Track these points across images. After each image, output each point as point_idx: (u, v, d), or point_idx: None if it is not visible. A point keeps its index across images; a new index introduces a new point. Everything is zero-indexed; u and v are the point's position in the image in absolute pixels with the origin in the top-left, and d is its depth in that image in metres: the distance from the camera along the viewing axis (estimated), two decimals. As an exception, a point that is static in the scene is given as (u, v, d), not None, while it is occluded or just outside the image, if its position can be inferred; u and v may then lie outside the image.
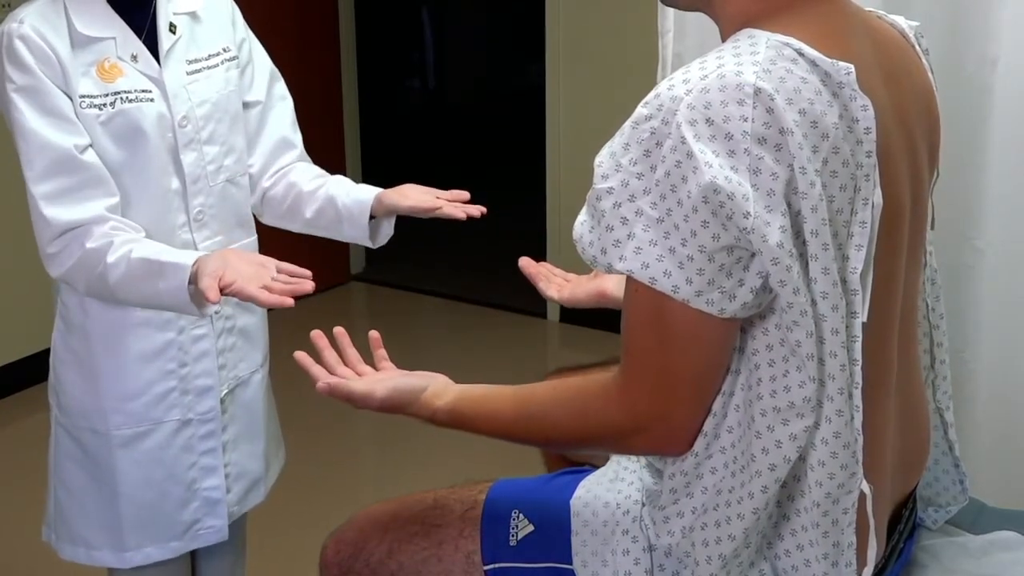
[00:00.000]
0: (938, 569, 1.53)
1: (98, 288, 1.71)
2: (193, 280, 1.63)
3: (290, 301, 1.56)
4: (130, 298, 1.71)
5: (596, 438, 1.31)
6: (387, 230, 1.98)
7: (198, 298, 1.64)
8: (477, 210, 1.86)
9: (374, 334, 1.54)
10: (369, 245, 1.99)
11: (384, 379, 1.45)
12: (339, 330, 1.52)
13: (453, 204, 1.86)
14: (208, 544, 1.95)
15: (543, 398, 1.34)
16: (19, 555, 2.88)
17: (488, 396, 1.39)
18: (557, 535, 1.44)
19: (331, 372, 1.46)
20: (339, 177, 1.99)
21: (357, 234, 1.94)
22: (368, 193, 1.92)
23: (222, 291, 1.56)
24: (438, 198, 1.87)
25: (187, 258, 1.66)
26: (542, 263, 1.88)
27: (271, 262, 1.64)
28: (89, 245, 1.68)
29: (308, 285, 1.58)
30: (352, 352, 1.51)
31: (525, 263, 1.84)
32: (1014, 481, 2.07)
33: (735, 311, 1.17)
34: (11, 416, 3.69)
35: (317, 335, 1.50)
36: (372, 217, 1.92)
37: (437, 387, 1.43)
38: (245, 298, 1.56)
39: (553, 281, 1.84)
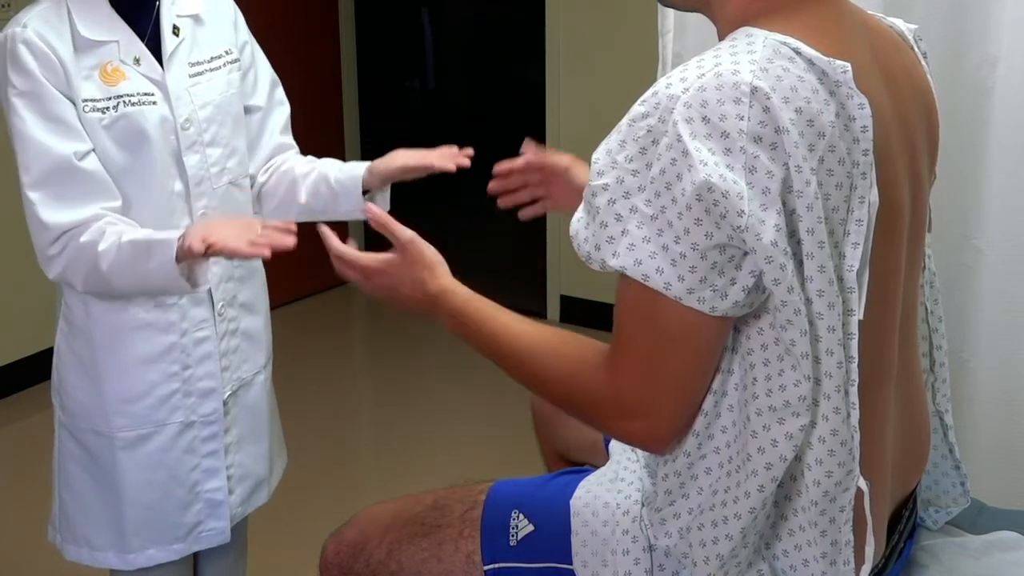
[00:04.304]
0: (938, 569, 1.53)
1: (95, 280, 1.71)
2: (180, 254, 1.64)
3: (267, 252, 1.58)
4: (124, 283, 1.71)
5: (580, 410, 1.31)
6: (382, 204, 1.97)
7: (192, 275, 1.65)
8: (464, 160, 1.84)
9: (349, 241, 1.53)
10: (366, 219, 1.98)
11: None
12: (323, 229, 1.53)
13: (441, 157, 1.86)
14: (210, 546, 1.95)
15: (544, 345, 1.33)
16: (21, 554, 2.88)
17: (498, 308, 1.40)
18: (557, 535, 1.45)
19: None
20: (329, 159, 1.99)
21: (352, 207, 1.93)
22: (360, 168, 1.93)
23: (207, 251, 1.58)
24: (428, 154, 1.87)
25: (173, 234, 1.67)
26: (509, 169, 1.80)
27: (256, 221, 1.65)
28: (83, 239, 1.68)
29: (290, 240, 1.59)
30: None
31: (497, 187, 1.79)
32: (1014, 481, 2.07)
33: (727, 309, 1.17)
34: (13, 416, 3.69)
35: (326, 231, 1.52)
36: (366, 192, 1.92)
37: (449, 277, 1.45)
38: (229, 253, 1.59)
39: (529, 189, 1.80)
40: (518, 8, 6.69)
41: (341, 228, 1.44)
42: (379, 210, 1.53)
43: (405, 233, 1.46)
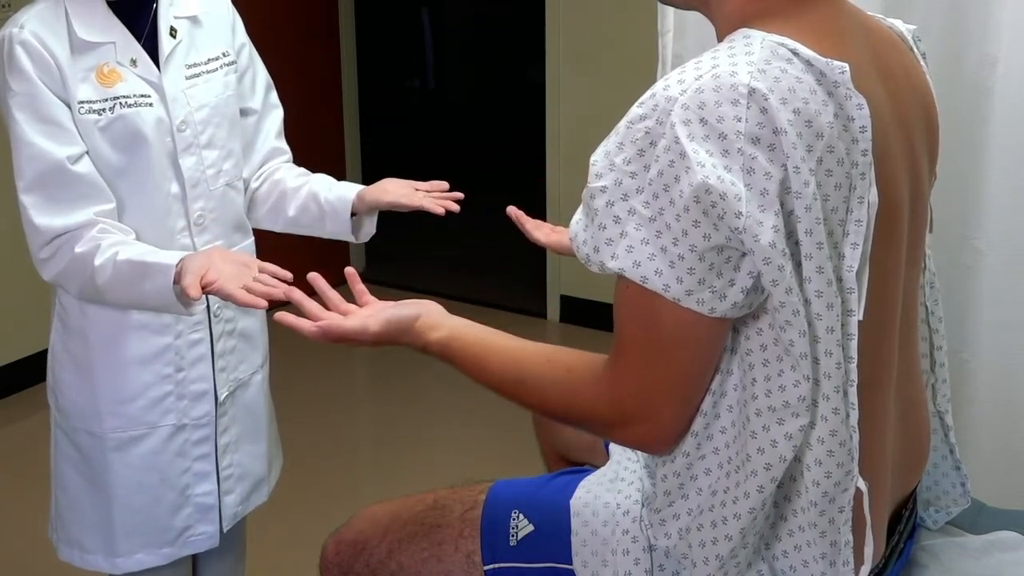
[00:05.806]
0: (938, 569, 1.53)
1: (89, 291, 1.72)
2: (178, 279, 1.63)
3: (264, 303, 1.55)
4: (120, 299, 1.72)
5: (580, 421, 1.32)
6: (369, 228, 1.99)
7: (183, 297, 1.65)
8: (453, 205, 1.87)
9: (350, 270, 1.47)
10: (352, 240, 2.00)
11: (375, 312, 1.40)
12: (313, 275, 1.44)
13: (432, 199, 1.87)
14: (200, 551, 1.95)
15: (535, 368, 1.32)
16: (22, 554, 2.88)
17: (481, 343, 1.37)
18: (557, 535, 1.45)
19: (317, 319, 1.38)
20: (321, 175, 2.00)
21: (339, 230, 1.95)
22: (350, 190, 1.94)
23: (203, 289, 1.57)
24: (417, 190, 1.89)
25: (171, 258, 1.66)
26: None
27: (254, 262, 1.64)
28: (78, 250, 1.68)
29: (287, 293, 1.50)
30: (333, 294, 1.43)
31: (513, 210, 1.85)
32: (1014, 482, 2.07)
33: (725, 311, 1.17)
34: (13, 416, 3.69)
35: (315, 276, 1.44)
36: (354, 214, 1.93)
37: (431, 318, 1.40)
38: (224, 296, 1.57)
39: (541, 228, 1.86)
40: (518, 8, 6.70)
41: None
42: (326, 327, 1.37)
43: (369, 334, 1.38)
